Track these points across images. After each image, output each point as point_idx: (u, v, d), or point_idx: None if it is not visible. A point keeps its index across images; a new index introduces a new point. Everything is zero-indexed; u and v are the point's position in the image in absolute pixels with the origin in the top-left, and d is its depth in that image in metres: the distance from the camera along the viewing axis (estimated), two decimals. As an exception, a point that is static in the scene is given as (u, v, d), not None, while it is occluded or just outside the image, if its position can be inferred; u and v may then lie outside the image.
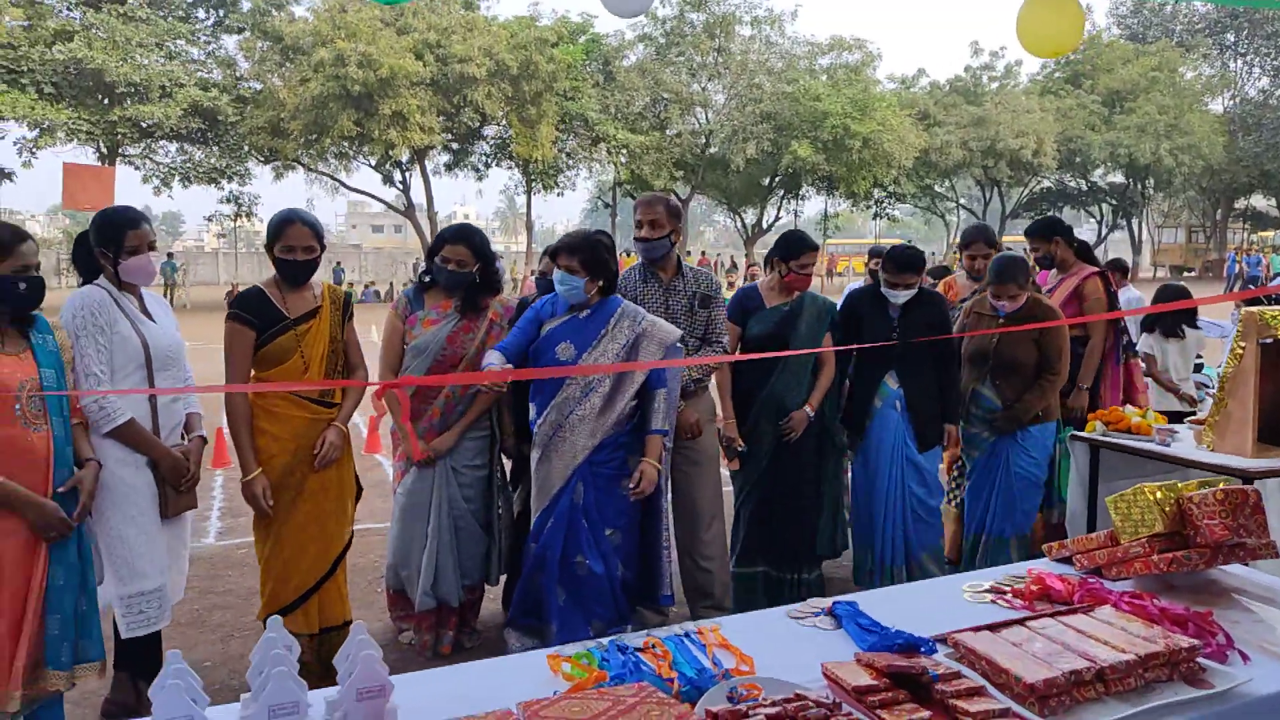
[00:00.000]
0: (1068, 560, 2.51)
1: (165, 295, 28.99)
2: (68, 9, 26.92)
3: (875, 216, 41.36)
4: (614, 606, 3.47)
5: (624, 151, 31.71)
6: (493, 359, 3.50)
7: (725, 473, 4.26)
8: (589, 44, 32.48)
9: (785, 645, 1.99)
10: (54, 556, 2.70)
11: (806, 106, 31.85)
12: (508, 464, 4.21)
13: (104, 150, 28.08)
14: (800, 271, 4.16)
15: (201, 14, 30.47)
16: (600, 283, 3.51)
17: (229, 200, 31.81)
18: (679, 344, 3.59)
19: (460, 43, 27.35)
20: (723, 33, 33.21)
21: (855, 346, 4.13)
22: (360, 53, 25.44)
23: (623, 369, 3.44)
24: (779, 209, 39.02)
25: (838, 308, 4.32)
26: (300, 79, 26.52)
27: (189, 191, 32.53)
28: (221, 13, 30.13)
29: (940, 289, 4.96)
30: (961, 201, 46.74)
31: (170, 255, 32.85)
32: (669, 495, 3.91)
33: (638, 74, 32.70)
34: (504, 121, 29.91)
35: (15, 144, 26.92)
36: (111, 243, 3.13)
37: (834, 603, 2.16)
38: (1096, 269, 4.92)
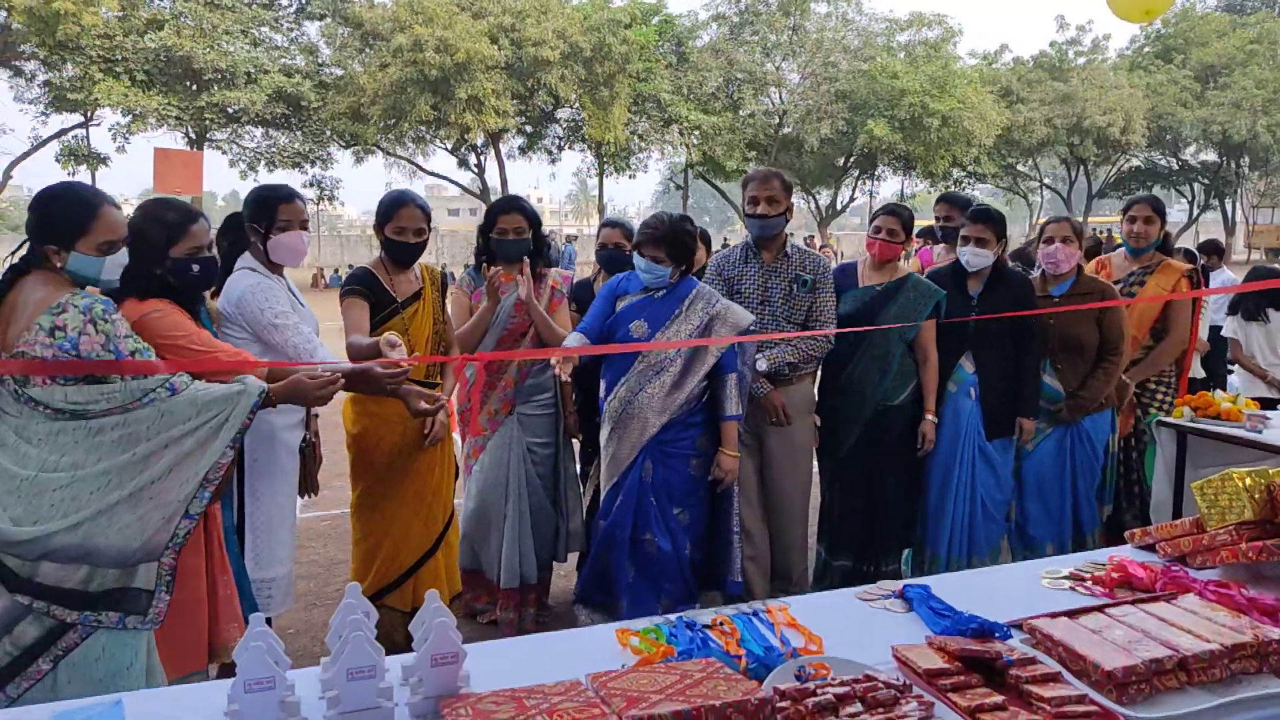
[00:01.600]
0: (1150, 548, 2.44)
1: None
2: (159, -2, 27.80)
3: (954, 197, 40.34)
4: (683, 584, 3.49)
5: (696, 133, 31.52)
6: (573, 342, 3.56)
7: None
8: (662, 24, 32.32)
9: (854, 627, 1.98)
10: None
11: (883, 84, 31.21)
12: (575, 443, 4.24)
13: (193, 135, 28.97)
14: (873, 235, 4.03)
15: (284, 1, 31.16)
16: (683, 268, 3.54)
17: (312, 184, 32.55)
18: (751, 329, 3.58)
19: (534, 26, 27.47)
20: (798, 11, 32.69)
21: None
22: (437, 38, 25.73)
23: (668, 346, 3.45)
24: (854, 190, 38.38)
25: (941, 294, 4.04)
26: (379, 64, 26.94)
27: (274, 176, 33.35)
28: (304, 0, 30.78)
29: (1093, 269, 4.59)
30: (1045, 181, 45.32)
31: (254, 238, 33.77)
32: (756, 483, 3.92)
33: (711, 54, 32.43)
34: (577, 104, 29.99)
35: (110, 130, 28.00)
36: (264, 217, 3.07)
37: (905, 586, 2.13)
38: (1189, 265, 4.61)
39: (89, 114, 27.99)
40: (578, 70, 27.94)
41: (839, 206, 38.39)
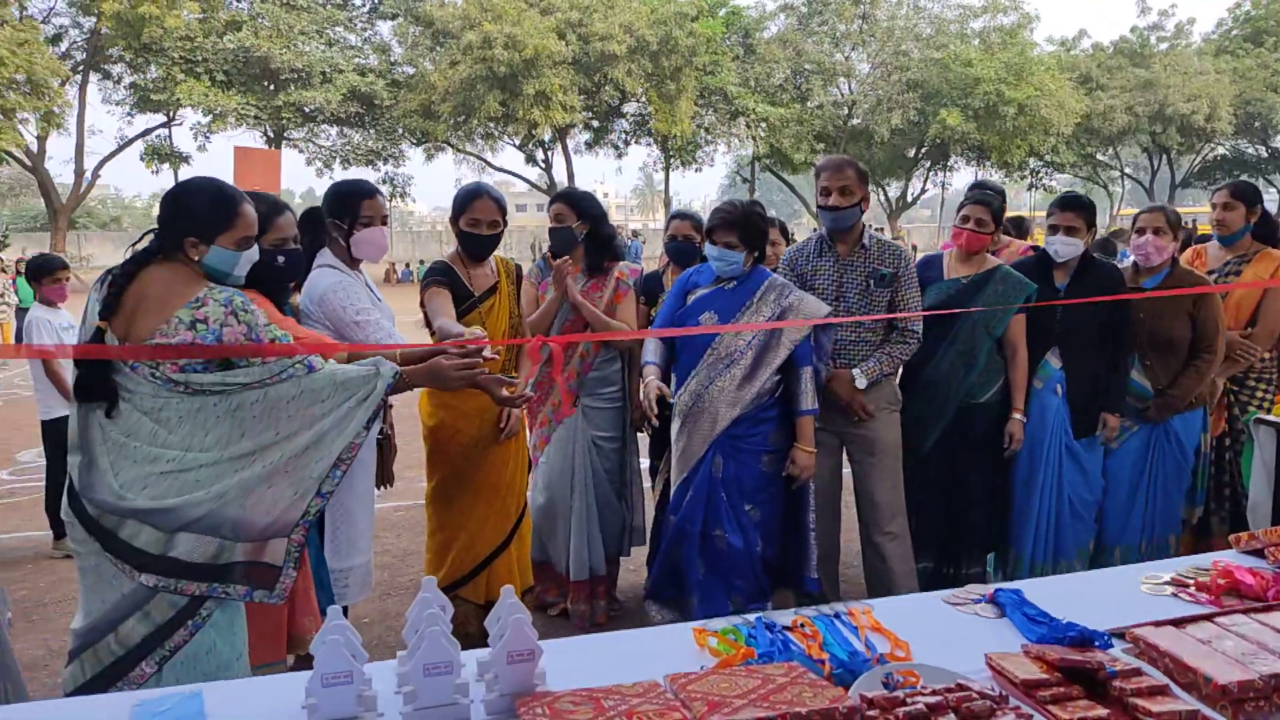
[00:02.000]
0: (1258, 553, 2.30)
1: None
2: (237, 0, 28.55)
3: (1030, 188, 39.37)
4: (754, 581, 3.42)
5: (763, 125, 31.25)
6: (649, 344, 3.55)
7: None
8: (729, 16, 32.11)
9: (942, 632, 1.89)
10: None
11: (957, 73, 30.54)
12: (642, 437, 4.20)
13: (271, 134, 29.73)
14: (960, 225, 3.86)
15: (358, 1, 31.74)
16: (755, 255, 3.46)
17: (384, 181, 33.14)
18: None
19: (601, 20, 27.53)
20: (868, 0, 32.16)
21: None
22: (506, 34, 25.96)
23: (700, 332, 3.37)
24: (925, 181, 37.66)
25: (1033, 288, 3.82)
26: (450, 62, 27.29)
27: (348, 173, 34.07)
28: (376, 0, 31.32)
29: (1187, 259, 4.35)
30: (1127, 170, 43.87)
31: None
32: (833, 484, 3.79)
33: (778, 45, 32.11)
34: (643, 98, 29.98)
35: (191, 129, 28.92)
36: (346, 213, 3.06)
37: (996, 590, 2.04)
38: None
39: (171, 114, 28.94)
40: (644, 64, 27.92)
41: (909, 199, 37.69)
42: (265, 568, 2.25)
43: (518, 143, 31.66)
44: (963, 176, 37.98)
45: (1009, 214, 4.94)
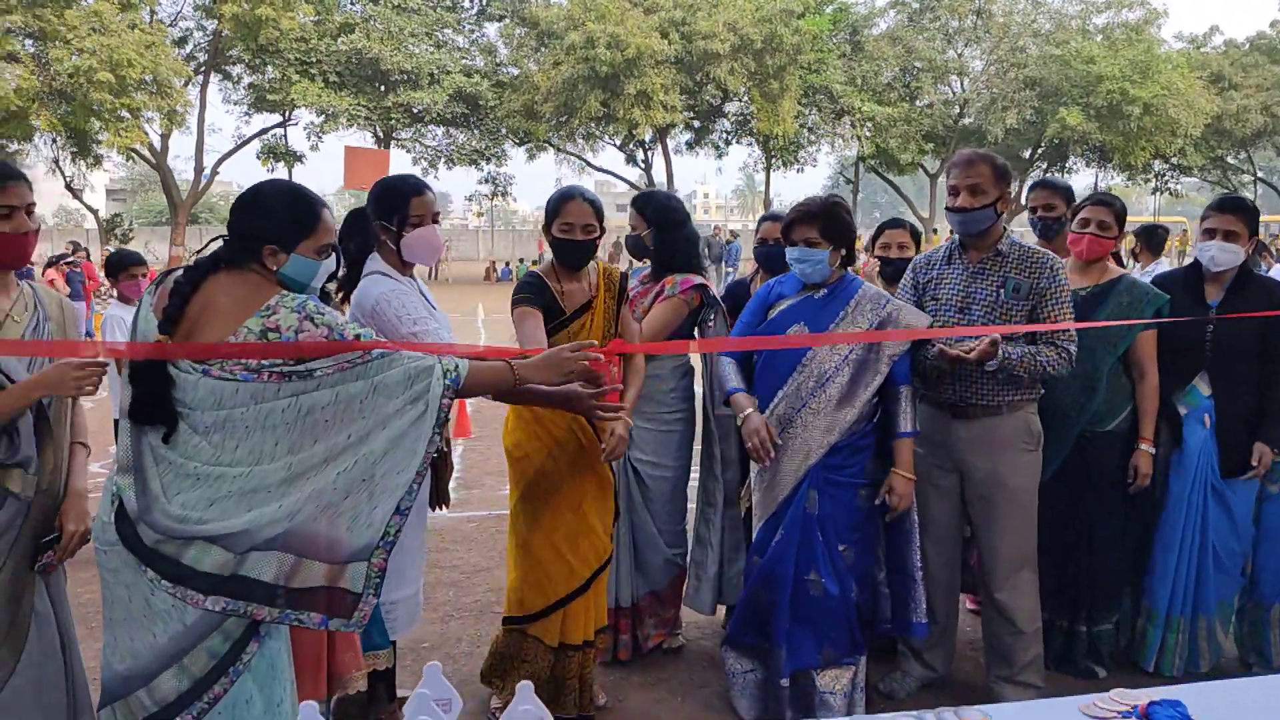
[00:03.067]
0: None
1: (431, 271, 31.19)
2: (350, 3, 29.28)
3: (1155, 191, 37.28)
4: (847, 634, 3.06)
5: (869, 124, 30.39)
6: (726, 368, 3.23)
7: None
8: (836, 13, 31.33)
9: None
10: None
11: (1078, 70, 29.07)
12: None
13: (380, 134, 30.42)
14: (1079, 229, 3.43)
15: (467, 3, 32.21)
16: (843, 253, 3.10)
17: (486, 180, 33.55)
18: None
19: (705, 19, 27.20)
20: (983, -5, 30.95)
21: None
22: (609, 34, 25.88)
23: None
24: (1041, 183, 36.08)
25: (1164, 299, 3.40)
26: (553, 62, 27.39)
27: (452, 173, 34.78)
28: (485, 1, 31.69)
29: None
30: (1260, 174, 41.13)
31: (434, 233, 35.29)
32: (953, 532, 3.36)
33: (888, 42, 31.20)
34: (745, 97, 29.52)
35: (305, 129, 29.82)
36: (394, 212, 2.84)
37: (1150, 703, 1.65)
38: None
39: (287, 114, 29.89)
40: (747, 63, 27.46)
41: (1024, 201, 36.16)
42: (343, 594, 2.04)
43: (618, 143, 31.60)
44: (1082, 179, 36.15)
45: (1135, 221, 4.41)
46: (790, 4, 28.37)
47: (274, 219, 2.14)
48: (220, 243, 2.17)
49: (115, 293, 5.05)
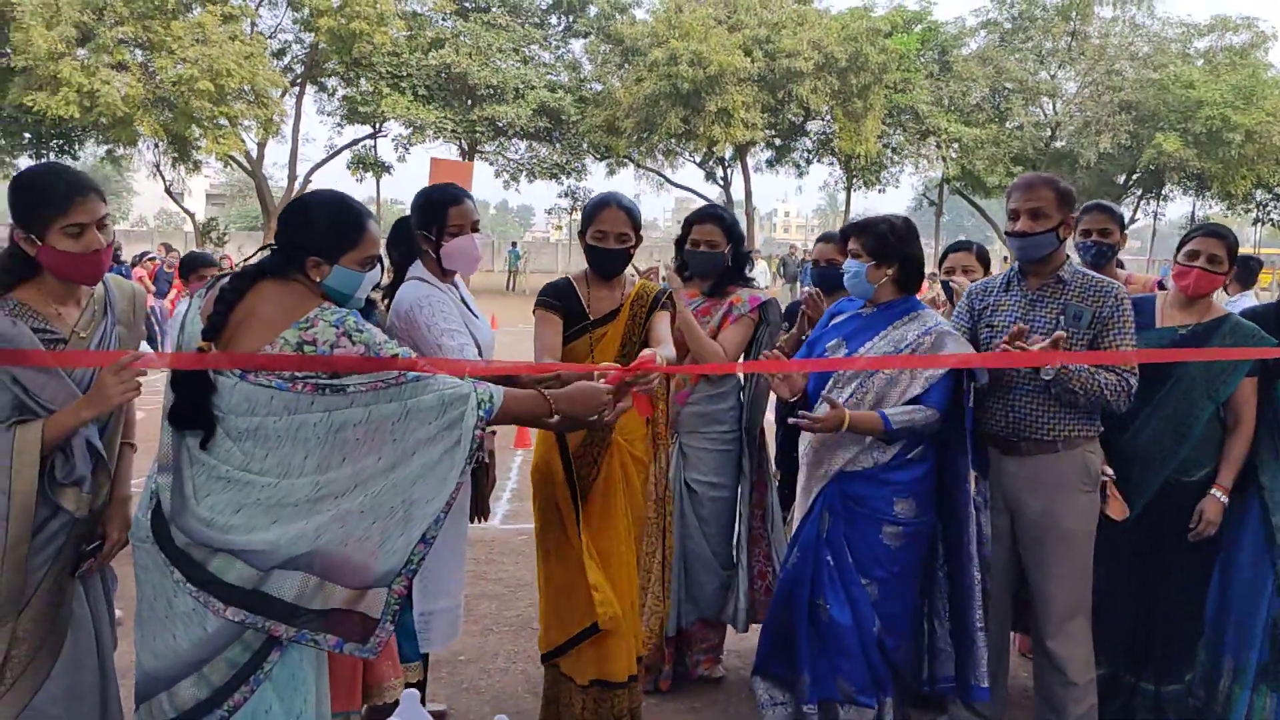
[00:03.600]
0: None
1: (508, 282, 31.65)
2: (442, 18, 30.00)
3: (1256, 222, 35.66)
4: (865, 670, 2.94)
5: (955, 145, 29.83)
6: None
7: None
8: (925, 32, 30.89)
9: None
10: None
11: (1177, 95, 28.07)
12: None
13: (465, 147, 31.05)
14: (1187, 262, 3.16)
15: (554, 20, 32.72)
16: (890, 271, 2.98)
17: (565, 194, 33.93)
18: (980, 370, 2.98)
19: (790, 37, 27.09)
20: (1079, 15, 30.15)
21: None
22: (691, 51, 25.97)
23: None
24: (1135, 209, 34.86)
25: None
26: (636, 79, 27.60)
27: (533, 186, 35.32)
28: (571, 18, 32.15)
29: None
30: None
31: (514, 244, 35.85)
32: (1011, 576, 3.18)
33: (977, 62, 30.60)
34: (828, 116, 29.28)
35: (393, 140, 30.61)
36: (434, 222, 2.87)
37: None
38: None
39: (377, 125, 30.75)
40: (831, 81, 27.24)
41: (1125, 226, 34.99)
42: (361, 618, 2.05)
43: (698, 160, 31.65)
44: (1178, 207, 34.91)
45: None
46: (877, 23, 28.11)
47: (318, 230, 2.14)
48: (268, 251, 2.19)
49: (188, 292, 5.22)
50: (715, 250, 3.47)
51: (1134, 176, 32.16)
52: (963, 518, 2.98)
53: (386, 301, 3.03)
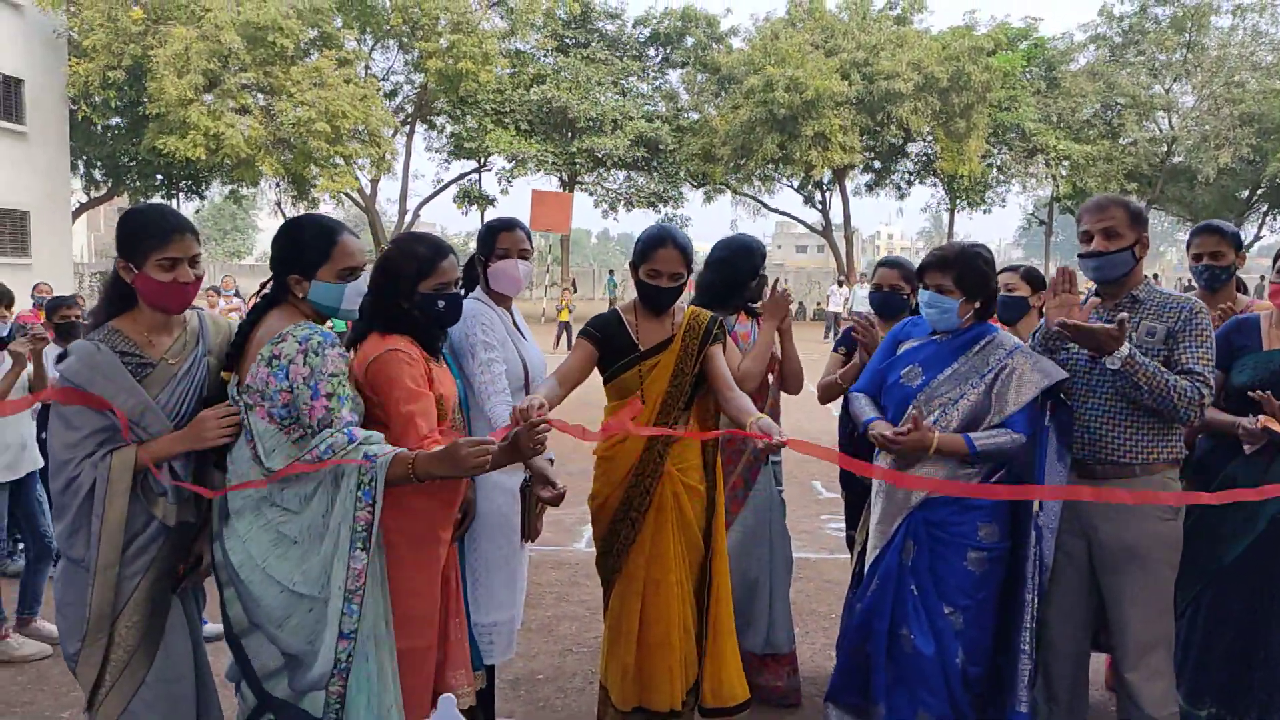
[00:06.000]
0: None
1: (610, 305, 32.05)
2: (543, 55, 30.83)
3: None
4: (947, 701, 2.91)
5: (1065, 163, 28.91)
6: (860, 402, 3.16)
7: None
8: (1031, 49, 30.14)
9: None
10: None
11: (1304, 105, 26.64)
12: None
13: (565, 178, 31.73)
14: None
15: (652, 52, 33.22)
16: (977, 304, 2.97)
17: (664, 222, 34.15)
18: (1067, 391, 2.92)
19: (889, 59, 26.83)
20: (1195, 26, 28.95)
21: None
22: (788, 77, 26.00)
23: None
24: (1260, 226, 33.04)
25: None
26: (732, 106, 27.78)
27: (630, 215, 35.69)
28: (668, 49, 32.59)
29: None
30: None
31: (611, 273, 36.33)
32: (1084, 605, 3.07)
33: (1086, 78, 29.69)
34: (929, 137, 28.79)
35: (497, 174, 31.51)
36: (486, 247, 3.06)
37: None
38: None
39: (482, 160, 31.72)
40: (931, 101, 26.82)
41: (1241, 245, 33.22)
42: (302, 714, 2.23)
43: (795, 184, 31.52)
44: (1310, 222, 32.88)
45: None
46: (980, 41, 27.58)
47: (293, 249, 2.34)
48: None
49: None
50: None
51: (1259, 192, 30.53)
52: (1025, 540, 2.93)
53: None
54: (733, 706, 3.07)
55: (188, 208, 30.66)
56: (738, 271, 3.62)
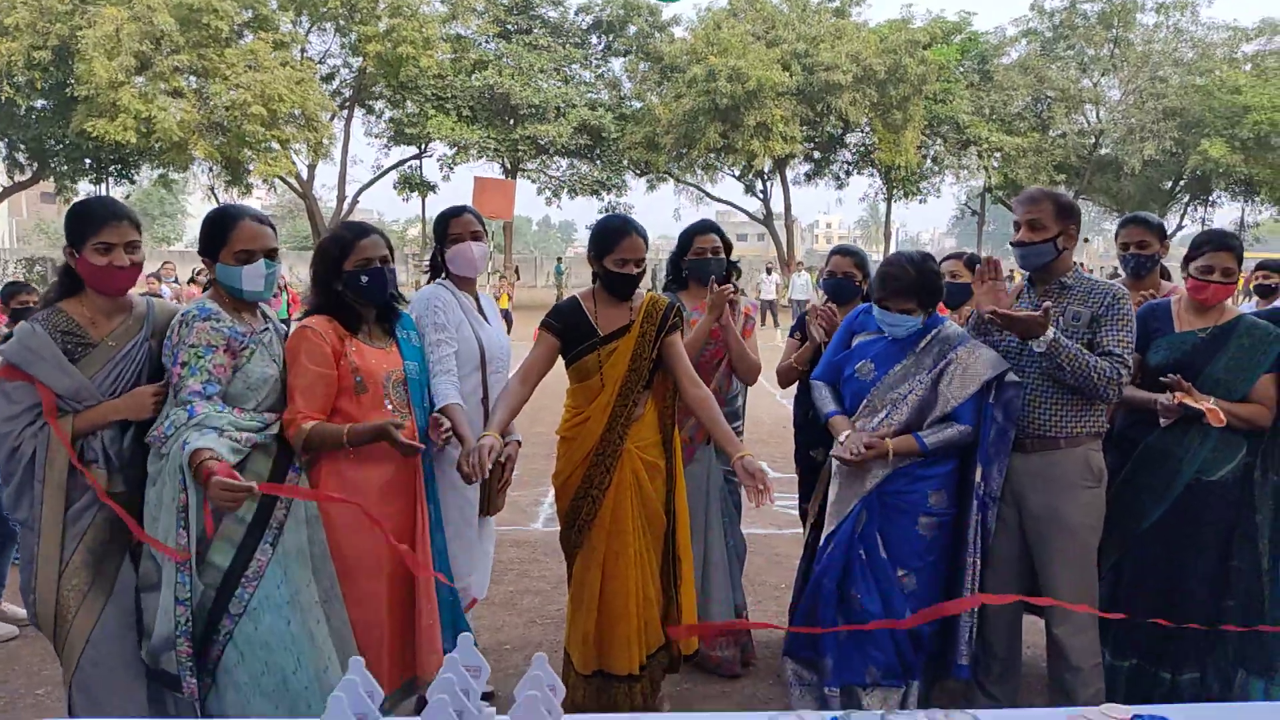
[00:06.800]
0: None
1: (557, 296, 32.11)
2: (485, 41, 30.62)
3: (1311, 226, 35.00)
4: (895, 657, 3.14)
5: (997, 155, 29.72)
6: (822, 391, 3.35)
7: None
8: (965, 43, 30.87)
9: (1049, 754, 1.62)
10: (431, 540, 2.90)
11: (1223, 100, 27.75)
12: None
13: (508, 165, 31.60)
14: (1203, 277, 3.26)
15: (594, 39, 33.21)
16: (928, 309, 3.17)
17: (607, 210, 34.31)
18: (1009, 379, 3.12)
19: (828, 50, 27.25)
20: (1121, 23, 29.93)
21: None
22: (730, 67, 26.25)
23: None
24: (1183, 216, 34.37)
25: None
26: (675, 95, 27.94)
27: (574, 203, 35.71)
28: (611, 37, 32.62)
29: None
30: None
31: (559, 260, 36.35)
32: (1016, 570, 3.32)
33: (1018, 71, 30.51)
34: (867, 128, 29.35)
35: (438, 160, 31.24)
36: (440, 233, 3.28)
37: (1134, 715, 1.72)
38: None
39: (423, 146, 31.42)
40: (869, 93, 27.32)
41: (1115, 237, 34.50)
42: (165, 674, 2.46)
43: (737, 173, 31.86)
44: (1226, 213, 34.27)
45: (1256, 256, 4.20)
46: (916, 34, 28.15)
47: (204, 236, 2.62)
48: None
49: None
50: (718, 256, 3.68)
51: (1181, 183, 31.77)
52: (968, 507, 3.17)
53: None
54: (688, 656, 3.39)
55: (117, 192, 29.86)
56: (680, 249, 3.78)
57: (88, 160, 27.46)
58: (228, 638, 2.43)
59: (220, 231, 2.58)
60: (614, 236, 3.16)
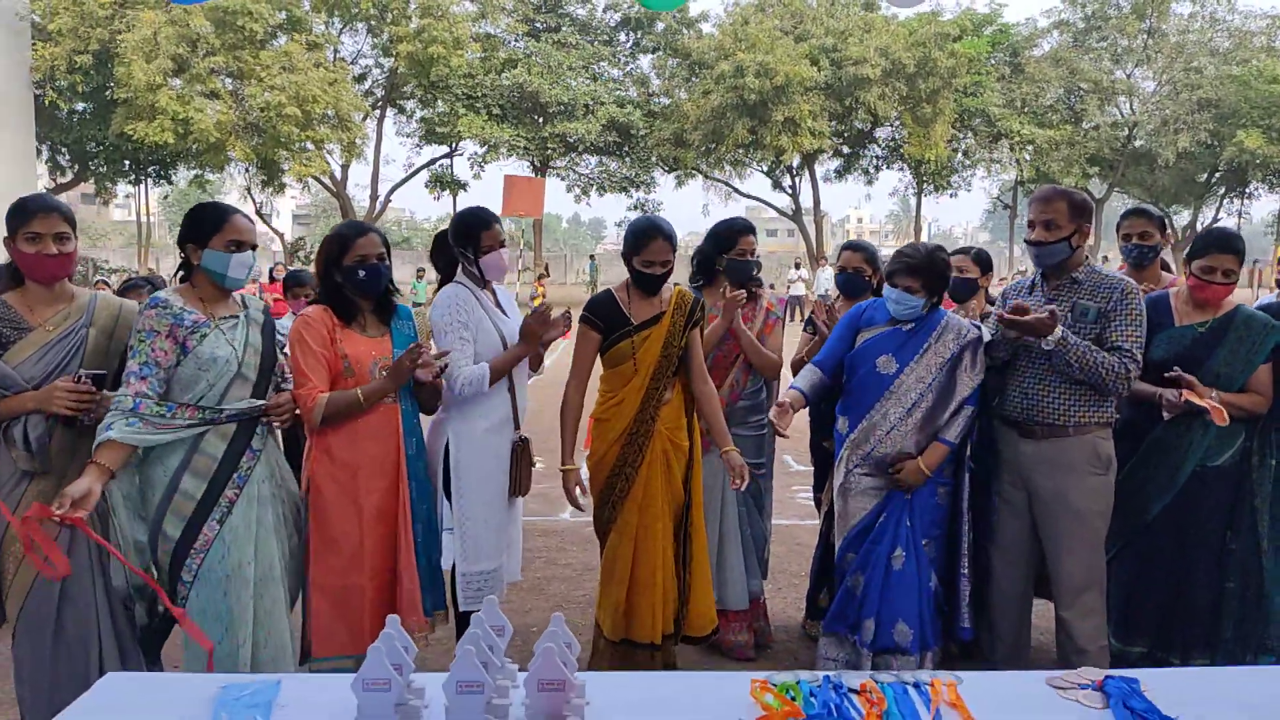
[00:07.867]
0: None
1: (589, 289, 32.31)
2: (514, 39, 30.82)
3: (1350, 217, 34.37)
4: (918, 618, 3.30)
5: (1029, 148, 29.45)
6: (800, 378, 3.52)
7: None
8: (995, 35, 30.59)
9: (1029, 717, 1.73)
10: (414, 514, 3.09)
11: (1259, 90, 27.32)
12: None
13: (537, 163, 31.77)
14: (1204, 277, 3.34)
15: (623, 36, 33.30)
16: (935, 299, 3.35)
17: (636, 207, 34.43)
18: None
19: (857, 45, 27.15)
20: (1155, 13, 29.52)
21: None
22: (758, 62, 26.23)
23: None
24: (1218, 208, 33.86)
25: None
26: (703, 91, 27.97)
27: (603, 200, 35.86)
28: (639, 34, 32.68)
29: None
30: None
31: (592, 257, 36.57)
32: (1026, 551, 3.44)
33: (1050, 64, 30.20)
34: (896, 122, 29.21)
35: (469, 159, 31.49)
36: (470, 242, 3.40)
37: (1106, 677, 1.83)
38: None
39: (453, 145, 31.67)
40: (899, 87, 27.20)
41: (1199, 227, 34.04)
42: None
43: (765, 169, 31.82)
44: (1265, 204, 33.89)
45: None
46: (946, 27, 27.96)
47: (192, 224, 2.81)
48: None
49: (292, 310, 5.66)
50: (755, 258, 3.87)
51: (1216, 175, 31.30)
52: (963, 480, 3.40)
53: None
54: (704, 636, 3.56)
55: (155, 193, 30.42)
56: (719, 245, 3.90)
57: (127, 162, 28.03)
58: (183, 601, 2.68)
59: (216, 220, 2.80)
60: (641, 240, 3.42)
